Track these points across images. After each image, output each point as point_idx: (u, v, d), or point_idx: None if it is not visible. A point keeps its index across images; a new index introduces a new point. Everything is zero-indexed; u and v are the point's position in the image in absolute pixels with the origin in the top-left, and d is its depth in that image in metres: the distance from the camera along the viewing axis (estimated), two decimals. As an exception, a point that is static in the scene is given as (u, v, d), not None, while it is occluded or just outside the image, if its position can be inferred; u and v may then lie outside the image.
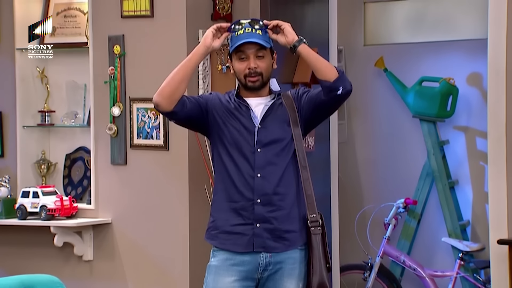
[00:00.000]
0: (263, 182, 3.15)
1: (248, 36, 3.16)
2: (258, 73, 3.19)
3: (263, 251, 3.15)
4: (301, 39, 3.19)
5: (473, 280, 5.27)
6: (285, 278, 3.17)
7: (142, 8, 4.34)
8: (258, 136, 3.18)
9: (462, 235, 5.49)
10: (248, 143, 3.18)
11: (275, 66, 3.27)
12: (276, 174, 3.17)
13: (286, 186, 3.18)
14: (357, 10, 5.89)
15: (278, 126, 3.21)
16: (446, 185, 5.51)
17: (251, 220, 3.15)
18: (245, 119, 3.21)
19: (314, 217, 3.17)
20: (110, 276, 4.48)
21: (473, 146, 5.57)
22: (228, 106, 3.24)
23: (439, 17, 5.70)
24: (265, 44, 3.18)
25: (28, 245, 4.65)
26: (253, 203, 3.15)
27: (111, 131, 4.43)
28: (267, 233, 3.14)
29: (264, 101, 3.25)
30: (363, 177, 5.91)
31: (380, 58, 5.73)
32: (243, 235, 3.15)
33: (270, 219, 3.15)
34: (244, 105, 3.23)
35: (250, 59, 3.18)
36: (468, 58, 5.54)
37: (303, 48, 3.17)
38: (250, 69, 3.18)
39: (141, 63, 4.38)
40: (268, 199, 3.15)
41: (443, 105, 5.52)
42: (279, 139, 3.19)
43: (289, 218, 3.18)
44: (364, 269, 5.42)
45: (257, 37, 3.17)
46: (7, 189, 4.61)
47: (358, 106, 5.92)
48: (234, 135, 3.20)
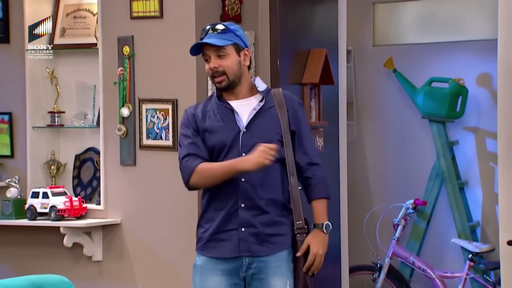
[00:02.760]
0: (247, 186, 3.14)
1: (207, 37, 3.17)
2: (221, 73, 3.17)
3: (249, 255, 3.15)
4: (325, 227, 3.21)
5: (483, 281, 5.25)
6: (270, 276, 3.15)
7: (152, 9, 4.34)
8: (243, 140, 3.15)
9: (472, 236, 5.47)
10: (232, 147, 3.15)
11: (247, 63, 3.22)
12: (260, 178, 3.14)
13: (272, 191, 3.17)
14: (366, 11, 5.88)
15: (265, 130, 3.17)
16: (455, 186, 5.50)
17: (236, 225, 3.15)
18: (230, 123, 3.18)
19: (300, 224, 3.17)
20: (120, 277, 4.48)
21: (483, 146, 5.56)
22: (209, 113, 3.21)
23: (449, 17, 5.69)
24: (219, 43, 3.14)
25: (37, 245, 4.66)
26: (237, 208, 3.14)
27: (121, 131, 4.44)
28: (252, 237, 3.14)
29: (249, 102, 3.22)
30: (372, 178, 5.91)
31: (389, 59, 5.72)
32: (229, 241, 3.15)
33: (254, 224, 3.14)
34: (228, 108, 3.20)
35: (211, 59, 3.18)
36: (478, 59, 5.53)
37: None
38: (211, 69, 3.18)
39: (150, 64, 4.39)
40: (253, 203, 3.14)
41: (453, 106, 5.51)
42: (266, 142, 3.12)
43: (275, 222, 3.16)
44: (373, 270, 5.41)
45: (214, 37, 3.15)
46: (17, 190, 4.62)
47: (367, 106, 5.91)
48: (219, 140, 3.17)
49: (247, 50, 3.23)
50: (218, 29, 3.18)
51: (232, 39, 3.18)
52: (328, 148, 4.81)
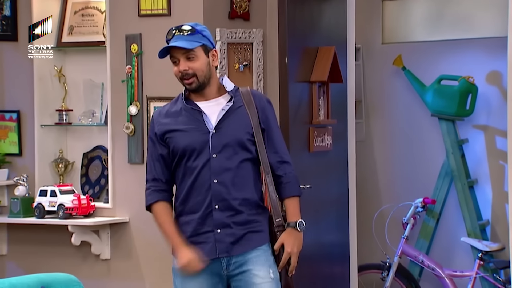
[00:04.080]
0: (220, 187, 3.12)
1: (174, 39, 3.14)
2: (191, 75, 3.14)
3: (227, 255, 3.14)
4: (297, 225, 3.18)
5: (492, 280, 5.22)
6: (251, 266, 3.13)
7: (159, 6, 4.34)
8: (212, 142, 3.13)
9: (482, 234, 5.45)
10: (203, 149, 3.13)
11: (215, 63, 3.19)
12: (233, 178, 3.13)
13: (244, 190, 3.14)
14: (375, 8, 5.86)
15: (235, 129, 3.15)
16: (465, 185, 5.47)
17: (211, 227, 3.13)
18: (198, 125, 3.15)
19: (279, 221, 3.16)
20: (128, 275, 4.48)
21: (493, 145, 5.53)
22: (175, 115, 3.19)
23: (458, 15, 5.66)
24: (187, 46, 3.11)
25: (45, 243, 4.66)
26: (212, 210, 3.13)
27: (128, 130, 4.43)
28: (228, 238, 3.13)
29: (218, 103, 3.19)
30: (381, 176, 5.88)
31: (398, 57, 5.69)
32: (205, 243, 3.14)
33: (229, 224, 3.13)
34: (196, 110, 3.17)
35: (180, 62, 3.15)
36: (488, 56, 5.50)
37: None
38: (180, 72, 3.15)
39: (158, 62, 4.34)
40: (226, 204, 3.12)
41: (462, 104, 5.48)
42: (234, 143, 3.13)
43: (249, 221, 3.14)
44: (382, 268, 5.39)
45: (181, 39, 3.12)
46: (25, 188, 4.63)
47: (376, 104, 5.89)
48: (188, 143, 3.14)
49: (215, 51, 3.20)
50: (184, 30, 3.15)
51: (200, 40, 3.15)
52: (336, 147, 4.80)
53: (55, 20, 4.75)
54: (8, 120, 4.81)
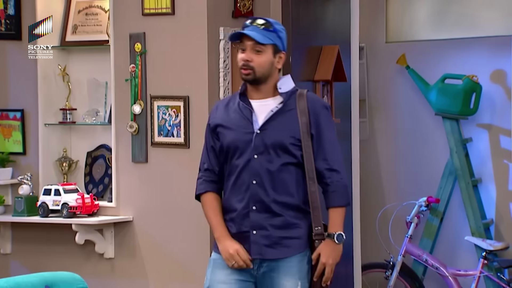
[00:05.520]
0: (258, 188, 3.12)
1: (250, 28, 3.14)
2: (250, 67, 3.13)
3: (260, 257, 3.14)
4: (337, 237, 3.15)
5: (496, 280, 5.22)
6: (281, 275, 3.13)
7: (163, 5, 4.33)
8: (255, 142, 3.13)
9: (486, 233, 5.44)
10: (245, 149, 3.13)
11: (279, 66, 3.18)
12: (272, 181, 3.12)
13: (285, 193, 3.13)
14: (379, 7, 5.85)
15: (279, 132, 3.13)
16: (469, 184, 5.47)
17: (247, 228, 3.14)
18: (246, 123, 3.16)
19: (318, 230, 3.14)
20: (132, 274, 4.48)
21: (497, 144, 5.52)
22: (228, 112, 3.21)
23: (462, 13, 5.66)
24: (259, 39, 3.11)
25: (49, 242, 4.66)
26: (249, 211, 3.13)
27: (132, 128, 4.43)
28: (264, 240, 3.13)
29: (270, 103, 3.18)
30: (385, 175, 5.88)
31: (402, 55, 5.69)
32: (241, 243, 3.14)
33: (266, 226, 3.12)
34: (247, 108, 3.18)
35: (247, 51, 3.15)
36: (492, 55, 5.49)
37: None
38: (243, 60, 3.15)
39: (162, 60, 4.38)
40: (264, 206, 3.12)
41: (466, 103, 5.47)
42: (276, 145, 3.12)
43: (288, 225, 3.13)
44: (386, 267, 5.39)
45: (256, 31, 3.12)
46: (29, 187, 4.63)
47: (380, 103, 5.88)
48: (233, 140, 3.16)
49: (284, 54, 3.20)
50: (259, 24, 3.15)
51: (274, 39, 3.15)
52: (340, 146, 4.77)
53: (59, 19, 4.75)
54: (12, 119, 4.81)
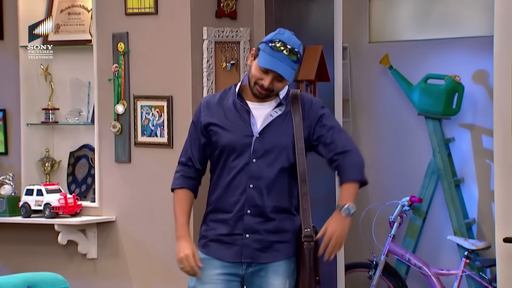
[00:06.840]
0: (254, 193, 3.12)
1: (281, 59, 3.06)
2: (270, 90, 3.12)
3: (251, 261, 3.14)
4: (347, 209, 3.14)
5: (478, 279, 5.24)
6: (270, 275, 3.14)
7: (146, 5, 4.33)
8: (255, 146, 3.12)
9: (468, 233, 5.46)
10: (244, 152, 3.11)
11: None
12: (269, 185, 3.12)
13: (278, 198, 3.14)
14: (362, 7, 5.87)
15: (278, 136, 3.13)
16: (451, 183, 5.49)
17: (240, 231, 3.13)
18: (244, 126, 3.14)
19: (308, 232, 3.14)
20: (115, 274, 4.47)
21: (479, 143, 5.55)
22: (223, 111, 3.16)
23: (445, 14, 5.68)
24: (288, 78, 3.09)
25: (32, 243, 4.64)
26: (243, 214, 3.13)
27: (115, 128, 4.42)
28: (256, 244, 3.13)
29: (266, 106, 3.17)
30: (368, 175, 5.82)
31: (385, 56, 5.70)
32: (232, 245, 3.14)
33: (259, 230, 3.13)
34: (245, 109, 3.15)
35: (269, 77, 3.09)
36: (474, 56, 5.52)
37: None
38: (266, 87, 3.10)
39: (145, 60, 4.37)
40: (259, 210, 3.12)
41: (449, 103, 5.50)
42: (277, 150, 3.12)
43: (279, 229, 3.15)
44: (369, 267, 5.41)
45: (287, 64, 3.06)
46: (11, 187, 4.61)
47: (363, 104, 5.90)
48: (230, 141, 3.13)
49: None
50: (293, 55, 3.08)
51: (296, 69, 3.13)
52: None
53: (41, 18, 4.73)
54: (-6, 119, 4.79)
